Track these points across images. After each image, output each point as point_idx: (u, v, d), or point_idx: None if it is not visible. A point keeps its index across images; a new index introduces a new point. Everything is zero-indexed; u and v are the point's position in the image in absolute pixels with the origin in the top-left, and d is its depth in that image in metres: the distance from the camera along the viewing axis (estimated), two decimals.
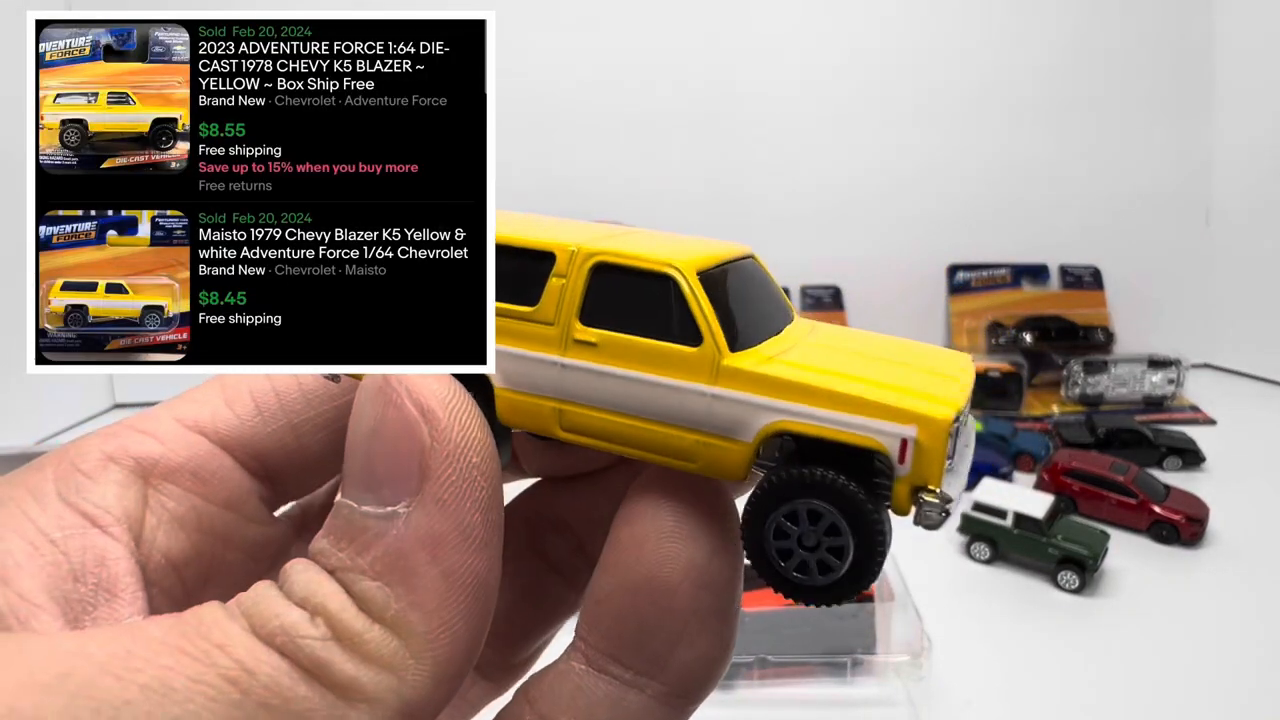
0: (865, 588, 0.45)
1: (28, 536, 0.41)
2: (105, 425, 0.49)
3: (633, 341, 0.48)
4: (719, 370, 0.47)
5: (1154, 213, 3.46)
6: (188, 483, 0.48)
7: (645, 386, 0.48)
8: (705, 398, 0.47)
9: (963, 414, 0.47)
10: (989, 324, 3.34)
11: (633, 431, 0.48)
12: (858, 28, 3.40)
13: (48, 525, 0.41)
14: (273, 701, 0.34)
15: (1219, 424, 2.85)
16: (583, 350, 0.49)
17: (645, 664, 0.45)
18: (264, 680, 0.34)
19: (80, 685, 0.31)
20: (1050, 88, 3.42)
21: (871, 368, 0.49)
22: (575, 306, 0.49)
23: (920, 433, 0.43)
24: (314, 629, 0.36)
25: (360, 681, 0.36)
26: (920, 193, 3.44)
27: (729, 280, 0.52)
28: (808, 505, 0.45)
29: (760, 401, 0.46)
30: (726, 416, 0.46)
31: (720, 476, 0.47)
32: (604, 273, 0.50)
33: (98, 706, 0.31)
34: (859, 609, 1.59)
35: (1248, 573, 1.86)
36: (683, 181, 3.40)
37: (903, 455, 0.43)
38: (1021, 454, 2.48)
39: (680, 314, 0.48)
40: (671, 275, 0.48)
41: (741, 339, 0.49)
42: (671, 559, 0.45)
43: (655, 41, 3.36)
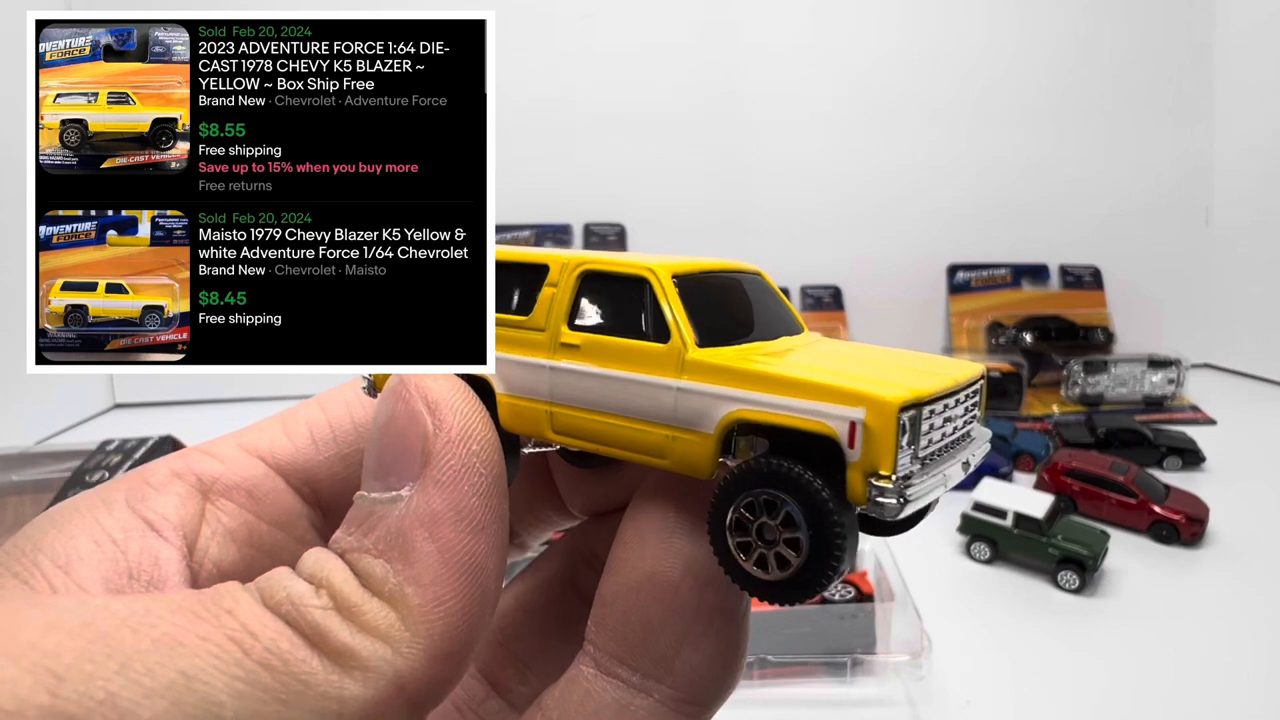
0: (825, 585, 0.44)
1: (93, 535, 0.43)
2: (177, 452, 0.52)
3: (610, 341, 0.50)
4: (684, 364, 0.48)
5: (1154, 213, 3.46)
6: (243, 500, 0.51)
7: (620, 384, 0.49)
8: (671, 391, 0.48)
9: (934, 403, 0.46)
10: (989, 324, 3.34)
11: (611, 430, 0.49)
12: (859, 30, 3.40)
13: (112, 527, 0.44)
14: (273, 663, 0.36)
15: (1219, 424, 2.85)
16: (568, 353, 0.51)
17: (652, 666, 0.46)
18: (265, 642, 0.36)
19: (99, 633, 0.34)
20: (1051, 88, 3.42)
21: (845, 364, 0.49)
22: (563, 312, 0.52)
23: (868, 415, 0.42)
24: (317, 599, 0.39)
25: (356, 650, 0.38)
26: (920, 193, 3.44)
27: (710, 286, 0.54)
28: (763, 495, 0.44)
29: (718, 391, 0.46)
30: (690, 409, 0.47)
31: (690, 473, 0.47)
32: (590, 280, 0.52)
33: (111, 653, 0.33)
34: (859, 609, 1.59)
35: (1248, 573, 1.86)
36: (684, 182, 3.40)
37: (852, 439, 0.42)
38: (1021, 454, 2.48)
39: (653, 313, 0.50)
40: (646, 277, 0.51)
41: (712, 337, 0.50)
42: (673, 554, 0.46)
43: (657, 43, 3.36)
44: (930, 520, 0.52)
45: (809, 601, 0.46)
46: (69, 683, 0.32)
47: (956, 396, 0.50)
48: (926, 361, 0.52)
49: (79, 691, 0.32)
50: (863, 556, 1.79)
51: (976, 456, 0.52)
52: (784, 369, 0.46)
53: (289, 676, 0.36)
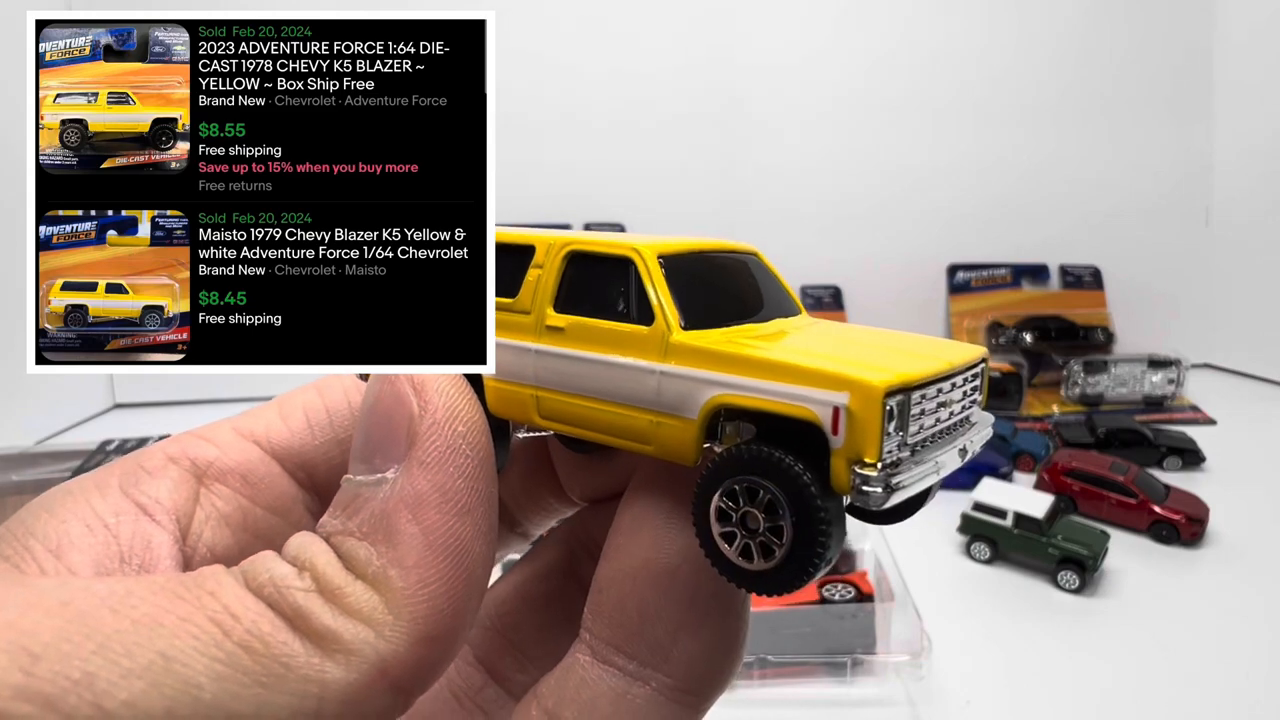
0: (811, 575, 0.42)
1: (85, 519, 0.43)
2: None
3: (595, 324, 0.50)
4: (668, 347, 0.47)
5: (1154, 213, 3.46)
6: (237, 484, 0.50)
7: (604, 368, 0.48)
8: (655, 375, 0.47)
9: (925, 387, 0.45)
10: (989, 324, 3.34)
11: (596, 415, 0.49)
12: (860, 31, 3.40)
13: (104, 511, 0.44)
14: (254, 645, 0.36)
15: (1219, 424, 2.85)
16: (553, 336, 0.50)
17: (648, 653, 0.45)
18: (247, 624, 0.36)
19: (78, 613, 0.34)
20: (1051, 89, 3.42)
21: (834, 347, 0.48)
22: (549, 294, 0.51)
23: (852, 400, 0.41)
24: (300, 582, 0.38)
25: (338, 632, 0.37)
26: (920, 193, 3.44)
27: (700, 267, 0.53)
28: (746, 482, 0.43)
29: (701, 375, 0.45)
30: (674, 393, 0.46)
31: (675, 459, 0.47)
32: (576, 261, 0.52)
33: (90, 633, 0.33)
34: (859, 609, 1.59)
35: (1248, 573, 1.86)
36: (684, 181, 3.40)
37: (835, 425, 0.41)
38: (1021, 454, 2.48)
39: (637, 294, 0.49)
40: (631, 258, 0.50)
41: (699, 320, 0.49)
42: (670, 541, 0.46)
43: (658, 43, 3.36)
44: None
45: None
46: (45, 661, 0.32)
47: (953, 380, 0.48)
48: (924, 344, 0.51)
49: (55, 670, 0.32)
50: (863, 556, 1.79)
51: (976, 443, 0.50)
52: (767, 352, 0.45)
53: (270, 659, 0.36)
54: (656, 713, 0.45)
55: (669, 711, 0.45)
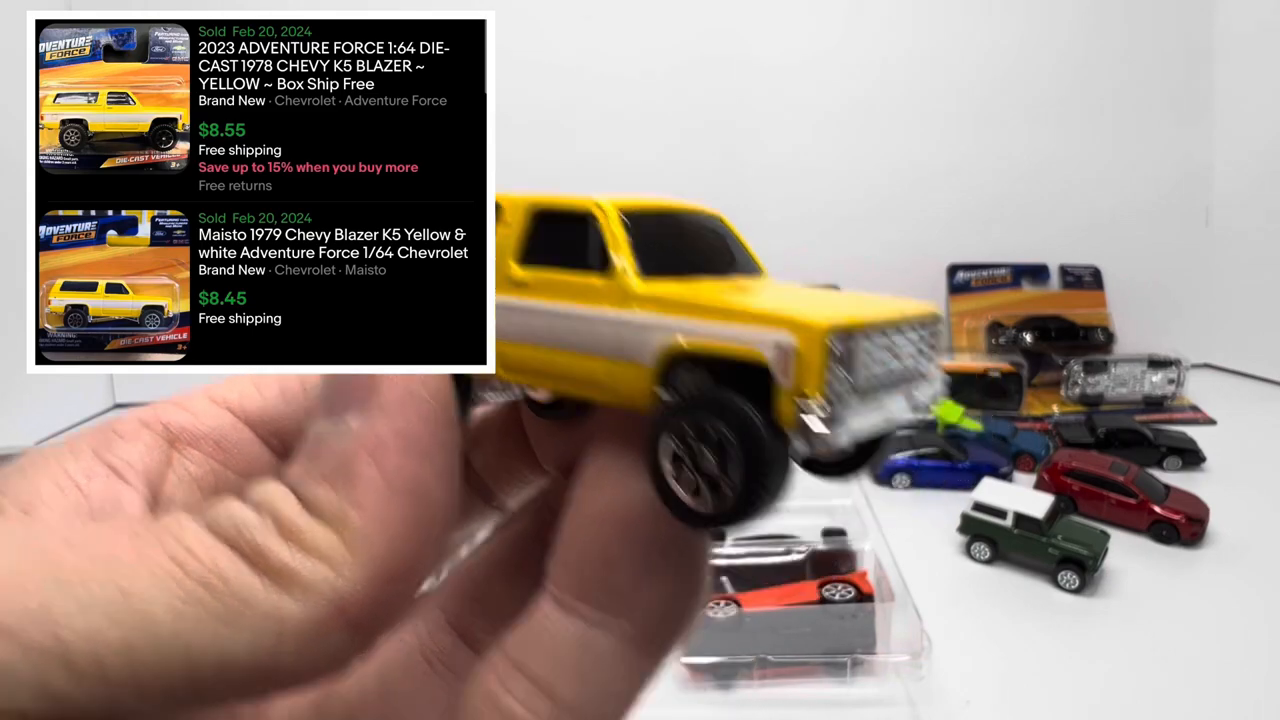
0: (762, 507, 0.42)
1: (56, 479, 0.43)
2: None
3: (556, 276, 0.50)
4: (626, 295, 0.48)
5: (1154, 213, 3.46)
6: (210, 449, 0.51)
7: (562, 318, 0.49)
8: (612, 323, 0.47)
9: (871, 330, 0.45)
10: (989, 324, 3.34)
11: (555, 363, 0.49)
12: (859, 30, 3.40)
13: (76, 471, 0.44)
14: (213, 581, 0.36)
15: (1219, 424, 2.85)
16: (517, 289, 0.51)
17: (610, 601, 0.45)
18: (206, 562, 0.36)
19: (37, 550, 0.34)
20: (1051, 89, 3.42)
21: (788, 297, 0.48)
22: (513, 249, 0.52)
23: (799, 340, 0.41)
24: (260, 522, 0.39)
25: (295, 569, 0.37)
26: (920, 193, 3.44)
27: (662, 224, 0.54)
28: (693, 420, 0.43)
29: (655, 321, 0.46)
30: (631, 341, 0.47)
31: (631, 406, 0.47)
32: (540, 218, 0.53)
33: (48, 566, 0.34)
34: (859, 609, 1.59)
35: (1248, 573, 1.86)
36: (684, 181, 3.40)
37: (784, 366, 0.41)
38: (1021, 454, 2.48)
39: (597, 245, 0.50)
40: (592, 211, 0.51)
41: (657, 271, 0.49)
42: (629, 489, 0.46)
43: (658, 41, 3.36)
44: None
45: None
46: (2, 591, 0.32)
47: (901, 329, 0.48)
48: (877, 300, 0.52)
49: (11, 601, 0.32)
50: (863, 556, 1.79)
51: (926, 397, 0.51)
52: (719, 298, 0.46)
53: (229, 595, 0.36)
54: (620, 660, 0.45)
55: (631, 658, 0.46)
